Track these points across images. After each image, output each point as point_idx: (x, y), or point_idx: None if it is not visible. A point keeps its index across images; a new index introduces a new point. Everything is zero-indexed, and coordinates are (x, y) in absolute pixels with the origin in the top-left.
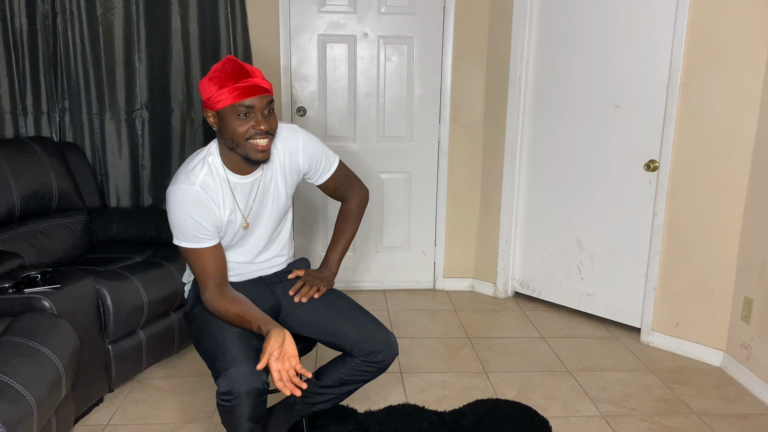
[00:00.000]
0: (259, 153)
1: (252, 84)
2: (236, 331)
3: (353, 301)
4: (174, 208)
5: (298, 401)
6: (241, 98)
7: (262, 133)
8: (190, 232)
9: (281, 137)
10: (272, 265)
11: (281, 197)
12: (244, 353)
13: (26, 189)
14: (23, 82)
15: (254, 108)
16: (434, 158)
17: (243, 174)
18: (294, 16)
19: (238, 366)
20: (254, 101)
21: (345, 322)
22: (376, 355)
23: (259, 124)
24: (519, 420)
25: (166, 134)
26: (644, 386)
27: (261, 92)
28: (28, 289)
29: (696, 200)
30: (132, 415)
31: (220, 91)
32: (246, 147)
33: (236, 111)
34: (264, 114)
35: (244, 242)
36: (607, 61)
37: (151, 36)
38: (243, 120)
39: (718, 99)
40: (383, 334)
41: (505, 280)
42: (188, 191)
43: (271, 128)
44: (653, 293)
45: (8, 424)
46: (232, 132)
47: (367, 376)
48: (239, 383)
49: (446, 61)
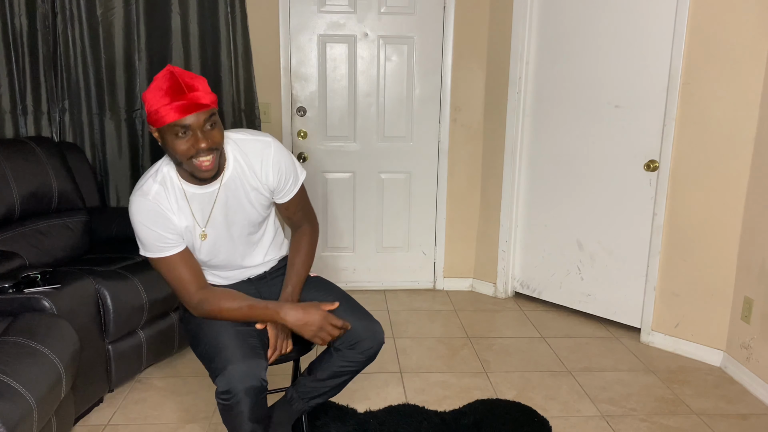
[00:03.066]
0: (203, 171)
1: (187, 102)
2: (231, 330)
3: (337, 289)
4: (134, 219)
5: (295, 397)
6: (176, 118)
7: (204, 151)
8: (152, 242)
9: (252, 150)
10: (258, 270)
11: (248, 210)
12: (241, 352)
13: (26, 189)
14: (23, 82)
15: (192, 126)
16: (434, 158)
17: (199, 184)
18: (294, 16)
19: (235, 364)
20: (191, 119)
21: None
22: (361, 344)
23: (199, 143)
24: (519, 420)
25: None
26: (644, 386)
27: (197, 109)
28: (28, 289)
29: (696, 200)
30: (132, 415)
31: (156, 109)
32: (190, 165)
33: (174, 130)
34: (204, 131)
35: (216, 255)
36: (607, 61)
37: (151, 36)
38: (182, 138)
39: (718, 99)
40: (366, 323)
41: (505, 280)
42: (143, 204)
43: (213, 143)
44: (653, 293)
45: (8, 424)
46: (173, 151)
47: (356, 366)
48: (237, 381)
49: (446, 61)
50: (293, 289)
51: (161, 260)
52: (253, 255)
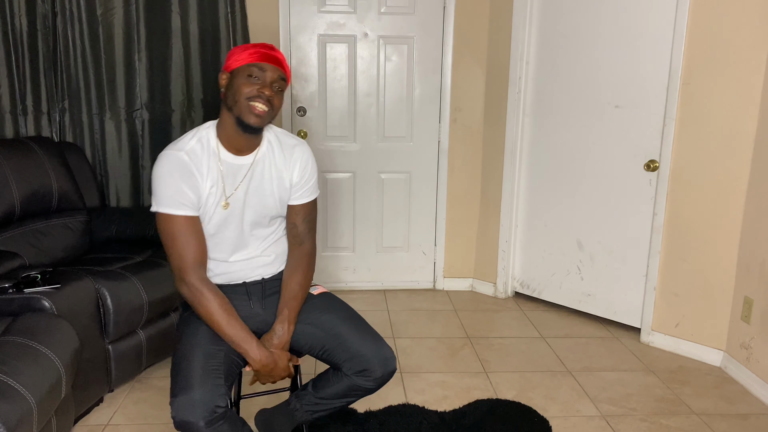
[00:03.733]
0: (253, 116)
1: (271, 54)
2: (200, 351)
3: (345, 308)
4: (158, 171)
5: (298, 408)
6: (257, 60)
7: (263, 98)
8: (171, 194)
9: (287, 143)
10: (254, 265)
11: (266, 197)
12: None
13: (26, 189)
14: (23, 82)
15: (266, 74)
16: (434, 158)
17: (235, 153)
18: (294, 16)
19: (186, 393)
20: (268, 68)
21: (334, 339)
22: (371, 372)
23: (264, 89)
24: (519, 420)
25: (166, 134)
26: (644, 386)
27: (276, 64)
28: (28, 289)
29: (696, 200)
30: (132, 415)
31: (243, 52)
32: (243, 106)
33: (248, 71)
34: (272, 85)
35: (222, 231)
36: (607, 61)
37: (151, 36)
38: (252, 81)
39: (718, 99)
40: (376, 348)
41: (505, 280)
42: (174, 156)
43: (272, 100)
44: (653, 293)
45: (8, 424)
46: (236, 89)
47: (364, 392)
48: (185, 412)
49: (446, 61)
50: (290, 313)
51: (172, 218)
52: (255, 246)
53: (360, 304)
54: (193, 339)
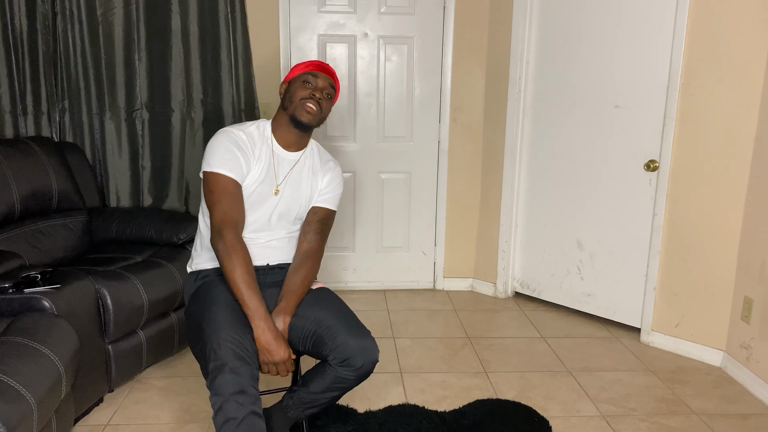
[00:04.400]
0: (305, 113)
1: (324, 66)
2: (229, 335)
3: (335, 303)
4: (216, 141)
5: (290, 405)
6: (311, 70)
7: (315, 100)
8: (222, 155)
9: (326, 157)
10: (263, 248)
11: (300, 192)
12: (235, 357)
13: (26, 189)
14: (23, 82)
15: (318, 81)
16: (434, 158)
17: (287, 149)
18: (294, 16)
19: (225, 374)
20: (320, 76)
21: (321, 329)
22: (353, 362)
23: (316, 92)
24: (519, 420)
25: (166, 134)
26: (644, 386)
27: (328, 75)
28: (28, 289)
29: (696, 200)
30: (132, 415)
31: (298, 65)
32: (297, 106)
33: (304, 78)
34: (323, 91)
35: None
36: (607, 61)
37: (151, 36)
38: (306, 87)
39: (718, 99)
40: (360, 340)
41: (505, 280)
42: (234, 132)
43: (322, 103)
44: (653, 293)
45: (8, 424)
46: (293, 93)
47: (348, 383)
48: (227, 390)
49: (446, 61)
50: (287, 305)
51: (223, 178)
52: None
53: (360, 304)
54: (215, 320)
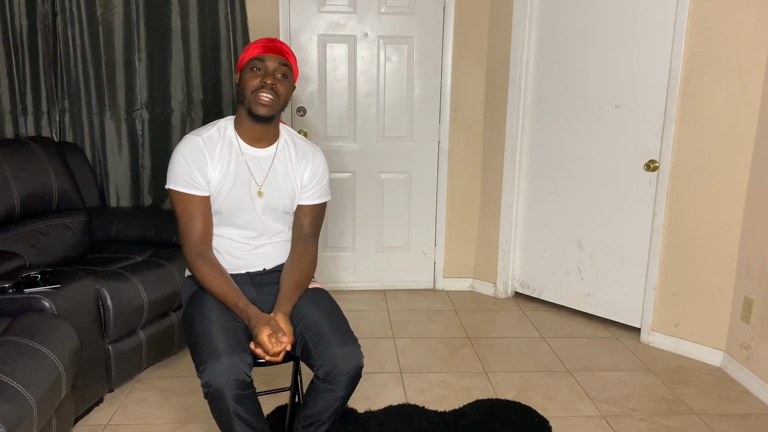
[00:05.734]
0: (260, 106)
1: (271, 45)
2: (221, 324)
3: (327, 304)
4: (175, 152)
5: (299, 429)
6: (256, 53)
7: (267, 87)
8: (181, 175)
9: (302, 147)
10: (258, 254)
11: (281, 191)
12: (226, 344)
13: (26, 189)
14: (23, 82)
15: (266, 64)
16: (434, 158)
17: (256, 145)
18: (294, 16)
19: (216, 359)
20: (268, 58)
21: (311, 335)
22: (338, 370)
23: (266, 78)
24: (519, 420)
25: (166, 134)
26: (644, 386)
27: (276, 53)
28: (28, 289)
29: (696, 200)
30: (132, 415)
31: (247, 50)
32: (250, 99)
33: (251, 65)
34: (275, 75)
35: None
36: (607, 61)
37: (151, 36)
38: (255, 74)
39: (718, 99)
40: (345, 348)
41: (505, 280)
42: (191, 140)
43: (277, 88)
44: (653, 293)
45: (8, 424)
46: (243, 84)
47: (340, 392)
48: (218, 378)
49: (446, 61)
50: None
51: (182, 195)
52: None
53: (360, 304)
54: (209, 315)
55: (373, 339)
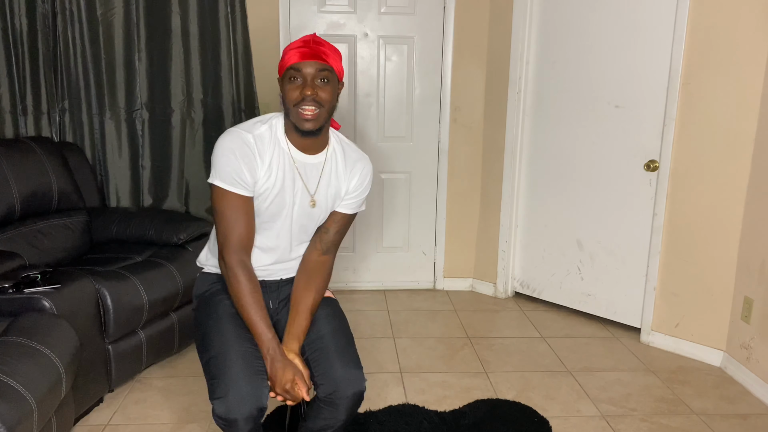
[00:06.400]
0: (303, 121)
1: (308, 51)
2: (240, 349)
3: (337, 321)
4: (221, 145)
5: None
6: (293, 61)
7: (309, 99)
8: (228, 171)
9: (351, 156)
10: (279, 267)
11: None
12: (245, 375)
13: (26, 189)
14: (23, 82)
15: (305, 71)
16: (434, 158)
17: (306, 153)
18: (294, 16)
19: (236, 391)
20: (304, 66)
21: (315, 352)
22: (339, 393)
23: (306, 89)
24: (519, 420)
25: (166, 134)
26: (644, 386)
27: (314, 59)
28: (28, 289)
29: (696, 200)
30: (132, 415)
31: (284, 54)
32: (294, 115)
33: (289, 74)
34: (315, 83)
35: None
36: (607, 61)
37: (151, 36)
38: (293, 84)
39: (718, 99)
40: (348, 372)
41: (505, 280)
42: (241, 135)
43: (319, 97)
44: (653, 293)
45: (8, 424)
46: (285, 97)
47: (339, 414)
48: (236, 409)
49: (446, 61)
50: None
51: (228, 194)
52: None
53: (360, 304)
54: (227, 336)
55: (373, 339)
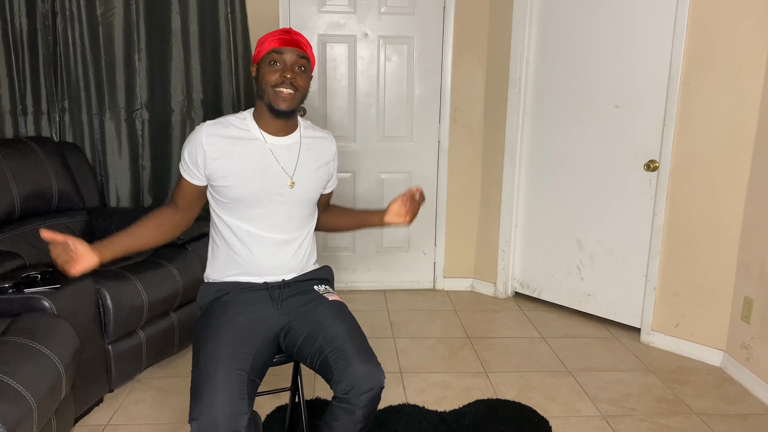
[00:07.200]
0: (280, 101)
1: (289, 38)
2: (223, 369)
3: (348, 321)
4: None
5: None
6: (275, 46)
7: (287, 82)
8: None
9: (319, 135)
10: (280, 261)
11: (315, 176)
12: (222, 400)
13: (26, 189)
14: (23, 82)
15: (285, 57)
16: (434, 158)
17: (278, 135)
18: (294, 16)
19: (208, 415)
20: (286, 51)
21: (331, 351)
22: (358, 388)
23: (286, 73)
24: (519, 420)
25: (166, 134)
26: (644, 386)
27: (294, 46)
28: (28, 289)
29: (696, 200)
30: (132, 415)
31: (264, 42)
32: (270, 94)
33: (269, 58)
34: (294, 69)
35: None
36: (607, 61)
37: (151, 36)
38: (273, 68)
39: (718, 99)
40: (368, 368)
41: (505, 280)
42: (204, 127)
43: (297, 82)
44: (653, 293)
45: (8, 424)
46: (262, 78)
47: (359, 414)
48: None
49: (446, 61)
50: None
51: (182, 180)
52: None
53: (360, 304)
54: (214, 354)
55: (373, 339)
